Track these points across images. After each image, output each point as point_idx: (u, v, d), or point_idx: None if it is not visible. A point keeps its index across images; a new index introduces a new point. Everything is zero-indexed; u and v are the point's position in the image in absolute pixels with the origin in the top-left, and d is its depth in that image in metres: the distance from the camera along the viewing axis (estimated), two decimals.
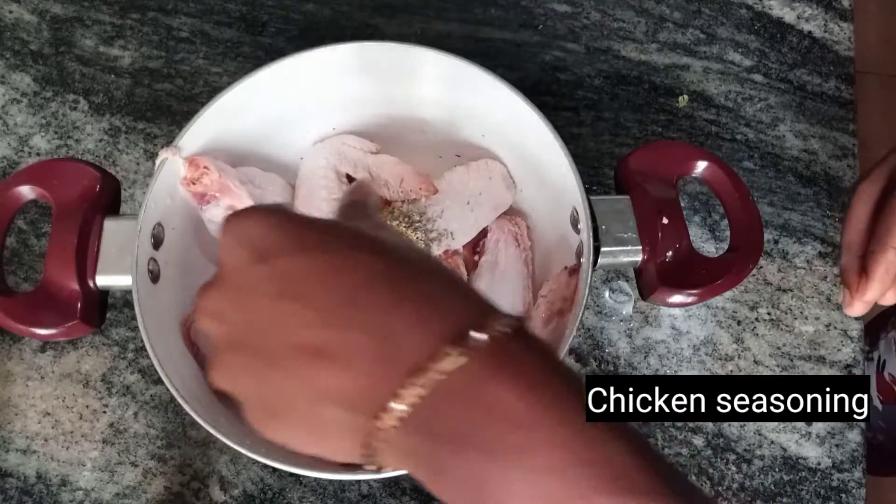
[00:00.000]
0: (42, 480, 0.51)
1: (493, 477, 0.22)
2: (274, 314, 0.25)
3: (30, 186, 0.45)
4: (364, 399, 0.24)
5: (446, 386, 0.23)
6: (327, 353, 0.24)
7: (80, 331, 0.43)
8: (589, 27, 0.64)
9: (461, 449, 0.23)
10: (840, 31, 0.64)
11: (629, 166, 0.46)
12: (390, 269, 0.25)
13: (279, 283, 0.25)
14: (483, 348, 0.23)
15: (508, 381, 0.23)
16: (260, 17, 0.64)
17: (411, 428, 0.23)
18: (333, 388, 0.24)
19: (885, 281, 0.43)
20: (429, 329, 0.24)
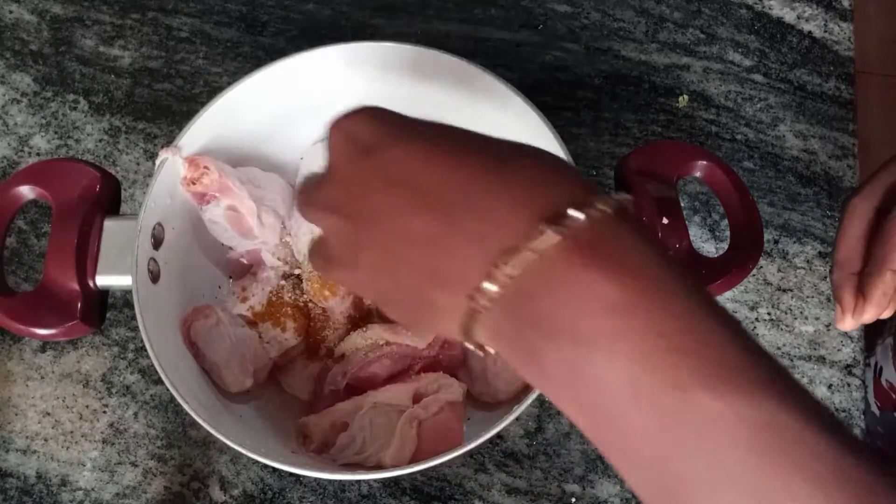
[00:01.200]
0: (42, 480, 0.51)
1: (584, 364, 0.22)
2: (383, 204, 0.26)
3: (30, 186, 0.45)
4: (460, 279, 0.24)
5: (539, 267, 0.22)
6: (432, 238, 0.25)
7: (80, 331, 0.43)
8: (589, 27, 0.64)
9: (550, 333, 0.22)
10: (840, 30, 0.64)
11: (629, 166, 0.46)
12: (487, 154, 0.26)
13: (386, 173, 0.26)
14: (580, 228, 0.22)
15: (603, 263, 0.22)
16: (260, 17, 0.64)
17: (503, 310, 0.23)
18: (437, 269, 0.25)
19: (882, 303, 0.43)
20: (528, 208, 0.23)
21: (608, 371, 0.21)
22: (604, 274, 0.22)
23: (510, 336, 0.24)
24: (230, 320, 0.46)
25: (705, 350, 0.21)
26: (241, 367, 0.45)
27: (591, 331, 0.22)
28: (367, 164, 0.27)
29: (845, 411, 0.53)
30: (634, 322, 0.21)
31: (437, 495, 0.51)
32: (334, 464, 0.43)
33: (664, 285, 0.22)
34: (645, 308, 0.21)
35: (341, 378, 0.46)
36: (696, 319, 0.22)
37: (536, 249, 0.22)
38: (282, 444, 0.44)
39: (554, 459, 0.51)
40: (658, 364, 0.21)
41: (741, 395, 0.20)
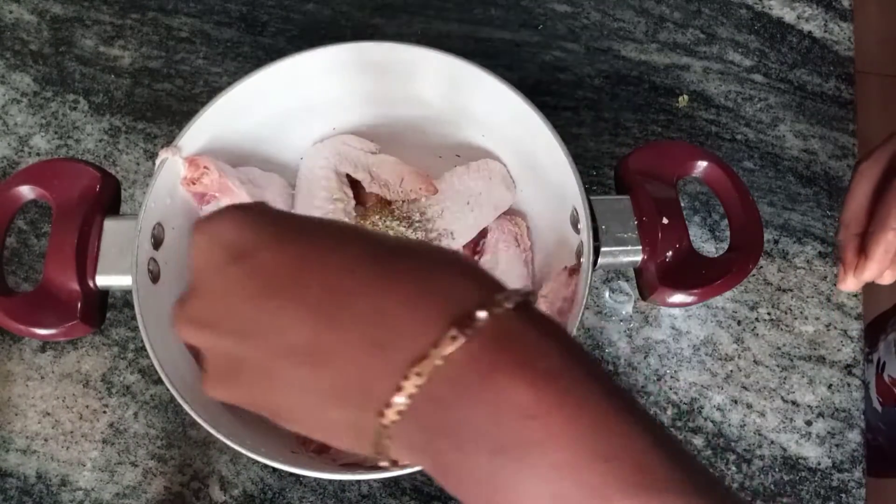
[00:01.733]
0: (42, 480, 0.51)
1: (502, 475, 0.20)
2: (257, 316, 0.23)
3: (30, 186, 0.45)
4: (364, 394, 0.22)
5: (449, 374, 0.21)
6: (319, 351, 0.22)
7: (80, 331, 0.43)
8: (589, 27, 0.64)
9: (466, 444, 0.21)
10: (840, 31, 0.64)
11: (629, 166, 0.46)
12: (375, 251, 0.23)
13: (258, 280, 0.23)
14: (488, 329, 0.21)
15: (516, 366, 0.21)
16: (260, 17, 0.64)
17: (415, 422, 0.21)
18: (333, 388, 0.22)
19: (884, 261, 0.44)
20: (426, 310, 0.21)
21: (530, 483, 0.20)
22: (516, 377, 0.20)
23: (424, 450, 0.22)
24: None
25: (625, 456, 0.20)
26: None
27: (507, 440, 0.20)
28: (233, 271, 0.23)
29: (845, 411, 0.53)
30: (553, 429, 0.20)
31: (437, 495, 0.51)
32: (334, 464, 0.43)
33: (578, 385, 0.21)
34: (562, 413, 0.20)
35: None
36: (613, 421, 0.21)
37: (444, 357, 0.21)
38: (282, 444, 0.44)
39: None
40: (582, 474, 0.20)
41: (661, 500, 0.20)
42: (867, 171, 0.46)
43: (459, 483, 0.22)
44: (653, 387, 0.53)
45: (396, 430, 0.22)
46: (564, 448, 0.20)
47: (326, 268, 0.23)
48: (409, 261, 0.23)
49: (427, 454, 0.22)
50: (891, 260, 0.44)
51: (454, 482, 0.22)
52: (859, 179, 0.46)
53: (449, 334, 0.21)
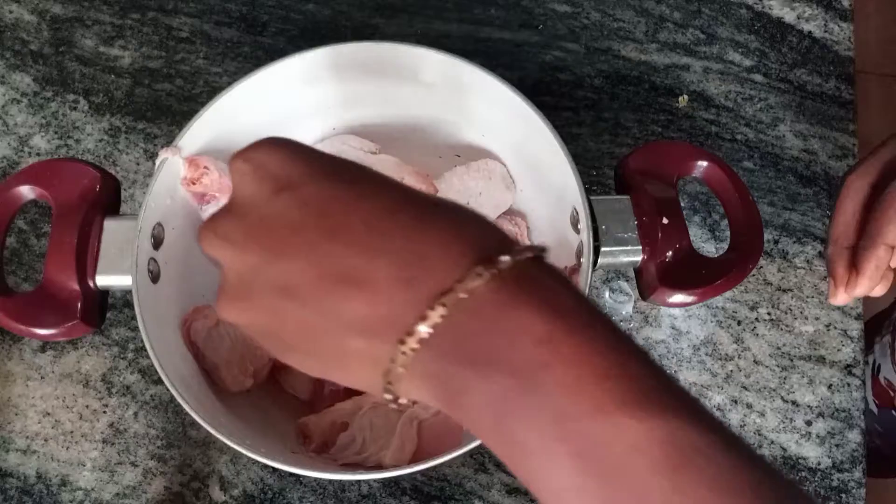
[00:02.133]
0: (42, 480, 0.51)
1: (514, 394, 0.22)
2: (298, 243, 0.24)
3: (30, 186, 0.45)
4: (389, 324, 0.23)
5: (470, 306, 0.23)
6: (353, 280, 0.24)
7: (80, 331, 0.43)
8: (589, 27, 0.64)
9: (483, 367, 0.23)
10: (840, 31, 0.64)
11: (629, 166, 0.46)
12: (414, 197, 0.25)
13: (303, 211, 0.25)
14: (507, 270, 0.23)
15: (532, 301, 0.23)
16: (260, 17, 0.64)
17: (434, 349, 0.23)
18: (358, 316, 0.24)
19: (875, 277, 0.43)
20: (455, 252, 0.24)
21: (538, 399, 0.22)
22: (530, 310, 0.23)
23: (438, 377, 0.23)
24: None
25: (624, 377, 0.22)
26: (240, 367, 0.45)
27: (521, 362, 0.22)
28: (279, 199, 0.25)
29: (845, 411, 0.53)
30: (561, 352, 0.22)
31: (437, 495, 0.51)
32: (334, 464, 0.43)
33: (583, 318, 0.23)
34: (569, 339, 0.23)
35: None
36: (614, 348, 0.23)
37: (468, 290, 0.23)
38: (282, 444, 0.44)
39: None
40: (584, 390, 0.22)
41: (657, 418, 0.22)
42: (855, 183, 0.45)
43: (470, 406, 0.23)
44: None
45: (414, 359, 0.23)
46: (570, 369, 0.22)
47: (368, 208, 0.25)
48: (441, 210, 0.25)
49: (440, 380, 0.23)
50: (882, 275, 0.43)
51: (467, 404, 0.23)
52: (847, 193, 0.45)
53: (474, 271, 0.23)
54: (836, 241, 0.45)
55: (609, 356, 0.23)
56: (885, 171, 0.44)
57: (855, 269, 0.44)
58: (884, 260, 0.43)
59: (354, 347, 0.24)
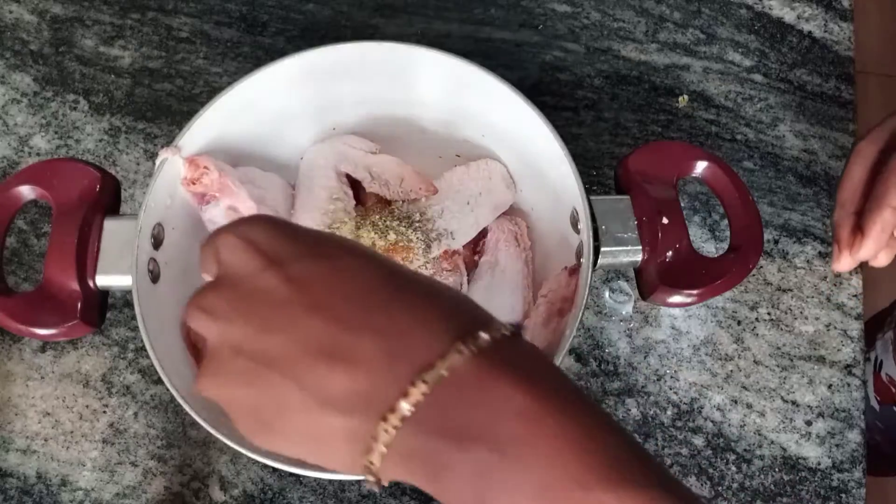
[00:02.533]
0: (42, 480, 0.51)
1: (497, 469, 0.23)
2: (282, 318, 0.25)
3: (30, 186, 0.45)
4: (370, 400, 0.24)
5: (452, 382, 0.23)
6: (335, 355, 0.24)
7: (80, 331, 0.43)
8: (589, 27, 0.64)
9: (465, 442, 0.23)
10: (840, 31, 0.64)
11: (629, 166, 0.46)
12: (393, 273, 0.26)
13: (288, 288, 0.25)
14: (487, 347, 0.24)
15: (511, 375, 0.24)
16: (260, 17, 0.64)
17: (415, 426, 0.23)
18: (339, 391, 0.24)
19: (881, 240, 0.44)
20: (436, 328, 0.24)
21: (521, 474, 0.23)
22: (510, 384, 0.23)
23: (419, 454, 0.24)
24: None
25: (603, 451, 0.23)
26: None
27: (502, 436, 0.23)
28: (265, 275, 0.26)
29: (845, 411, 0.53)
30: (541, 426, 0.23)
31: None
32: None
33: (561, 393, 0.24)
34: (548, 413, 0.23)
35: None
36: (592, 423, 0.24)
37: (449, 367, 0.23)
38: None
39: None
40: (565, 465, 0.22)
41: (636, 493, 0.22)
42: (864, 150, 0.46)
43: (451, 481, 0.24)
44: (653, 387, 0.53)
45: (396, 437, 0.24)
46: (553, 444, 0.23)
47: (349, 285, 0.25)
48: (420, 287, 0.26)
49: (421, 458, 0.24)
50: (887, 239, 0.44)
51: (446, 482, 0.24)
52: (856, 158, 0.46)
53: (455, 347, 0.24)
54: (843, 204, 0.45)
55: (588, 430, 0.23)
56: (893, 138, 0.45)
57: (860, 232, 0.44)
58: (889, 223, 0.43)
59: (334, 425, 0.24)
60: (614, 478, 0.22)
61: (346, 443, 0.24)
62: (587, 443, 0.23)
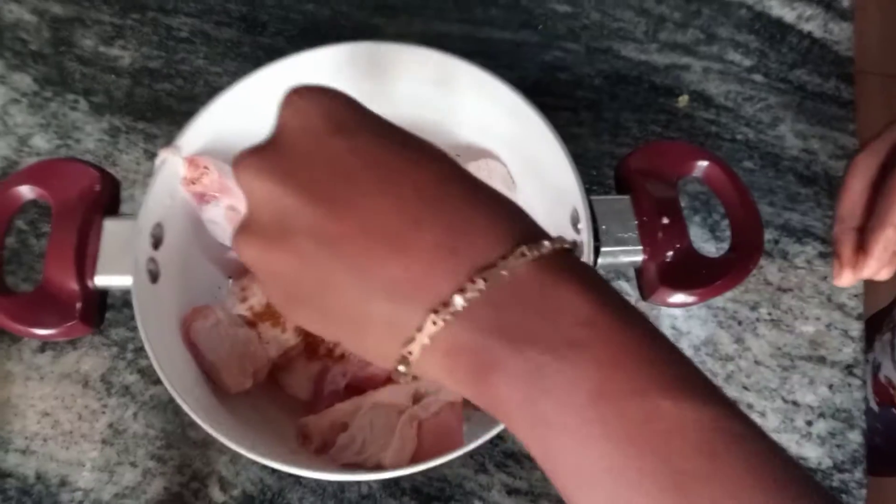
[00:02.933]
0: (41, 481, 0.51)
1: (551, 371, 0.22)
2: (345, 192, 0.23)
3: (29, 186, 0.45)
4: (422, 291, 0.23)
5: (510, 284, 0.23)
6: (394, 241, 0.23)
7: (79, 331, 0.43)
8: (589, 27, 0.64)
9: (519, 342, 0.22)
10: (840, 30, 0.64)
11: (629, 166, 0.46)
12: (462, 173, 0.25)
13: (355, 161, 0.24)
14: (548, 255, 0.23)
15: (574, 284, 0.23)
16: (260, 17, 0.64)
17: (467, 323, 0.23)
18: (391, 278, 0.23)
19: (883, 258, 0.43)
20: (500, 230, 0.24)
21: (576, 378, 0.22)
22: (573, 292, 0.23)
23: (465, 351, 0.23)
24: (230, 320, 0.46)
25: (663, 362, 0.22)
26: (240, 368, 0.45)
27: (559, 340, 0.22)
28: (333, 143, 0.24)
29: (846, 411, 0.53)
30: (600, 334, 0.22)
31: (437, 496, 0.51)
32: (334, 464, 0.43)
33: (621, 308, 0.23)
34: (609, 323, 0.23)
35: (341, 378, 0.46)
36: (651, 337, 0.23)
37: (511, 268, 0.23)
38: (281, 445, 0.44)
39: None
40: (623, 371, 0.22)
41: (696, 402, 0.22)
42: (863, 163, 0.45)
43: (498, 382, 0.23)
44: None
45: (442, 331, 0.23)
46: (610, 351, 0.22)
47: (420, 173, 0.24)
48: (486, 190, 0.25)
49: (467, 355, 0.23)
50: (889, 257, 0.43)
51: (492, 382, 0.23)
52: (854, 172, 0.45)
53: (519, 250, 0.23)
54: (843, 219, 0.45)
55: (647, 343, 0.23)
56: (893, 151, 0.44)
57: (862, 251, 0.43)
58: (892, 241, 0.42)
59: (379, 311, 0.23)
60: (675, 387, 0.22)
61: (386, 330, 0.23)
62: (647, 353, 0.22)
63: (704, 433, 0.21)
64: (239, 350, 0.45)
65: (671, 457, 0.21)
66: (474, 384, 0.23)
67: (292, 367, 0.49)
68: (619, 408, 0.21)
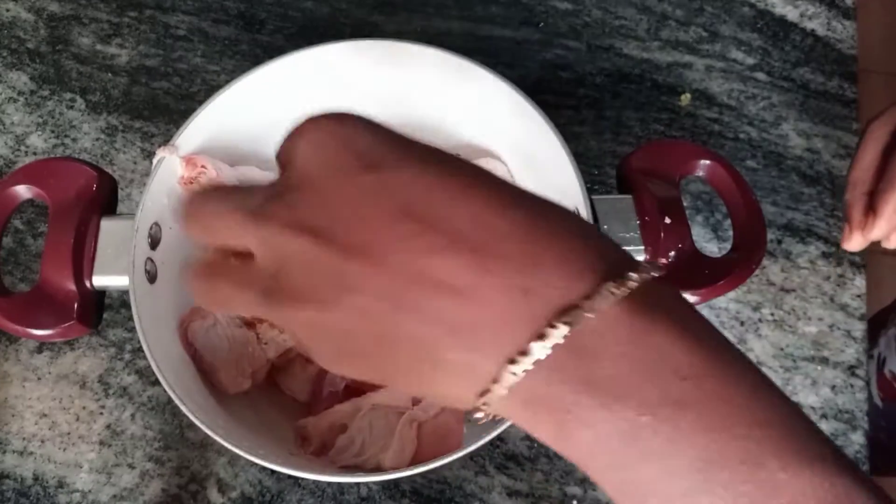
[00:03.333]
0: (39, 482, 0.51)
1: (648, 435, 0.19)
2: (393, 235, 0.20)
3: (26, 186, 0.44)
4: (497, 339, 0.20)
5: (598, 328, 0.20)
6: (461, 284, 0.20)
7: (76, 331, 0.43)
8: (591, 25, 0.64)
9: (609, 399, 0.19)
10: (843, 29, 0.64)
11: (631, 165, 0.46)
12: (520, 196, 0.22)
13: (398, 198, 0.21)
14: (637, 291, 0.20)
15: (668, 327, 0.20)
16: (258, 15, 0.64)
17: (549, 374, 0.20)
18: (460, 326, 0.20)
19: (893, 220, 0.44)
20: (579, 263, 0.20)
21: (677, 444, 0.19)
22: (670, 338, 0.20)
23: (546, 404, 0.20)
24: (228, 321, 0.45)
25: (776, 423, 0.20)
26: (238, 369, 0.44)
27: (658, 397, 0.19)
28: (367, 181, 0.21)
29: (848, 412, 0.53)
30: (705, 391, 0.19)
31: (437, 498, 0.50)
32: (333, 466, 0.43)
33: (723, 354, 0.20)
34: (714, 375, 0.20)
35: (340, 379, 0.45)
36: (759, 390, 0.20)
37: (597, 310, 0.20)
38: (280, 446, 0.43)
39: (555, 462, 0.51)
40: (734, 437, 0.19)
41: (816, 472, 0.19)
42: (876, 130, 0.46)
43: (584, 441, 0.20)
44: None
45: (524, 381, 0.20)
46: (718, 411, 0.19)
47: (476, 201, 0.21)
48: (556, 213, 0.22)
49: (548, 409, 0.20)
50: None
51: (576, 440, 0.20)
52: (868, 139, 0.46)
53: (605, 287, 0.20)
54: (855, 184, 0.46)
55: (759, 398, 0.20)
56: None
57: (872, 212, 0.44)
58: None
59: (450, 360, 0.21)
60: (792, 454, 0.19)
61: (457, 381, 0.21)
62: (757, 411, 0.19)
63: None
64: (237, 351, 0.45)
65: None
66: (558, 439, 0.21)
67: (291, 368, 0.48)
68: (729, 480, 0.19)
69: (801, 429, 0.20)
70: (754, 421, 0.19)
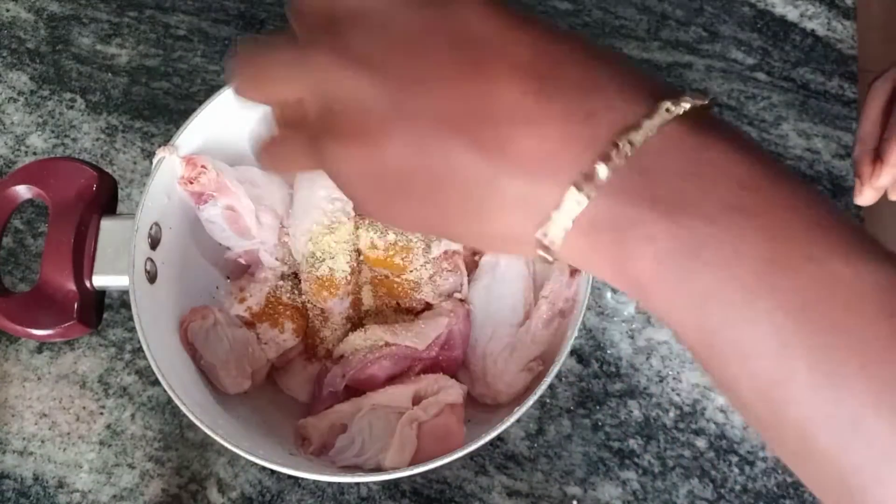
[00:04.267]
0: (39, 482, 0.51)
1: (713, 241, 0.19)
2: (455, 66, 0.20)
3: (26, 186, 0.44)
4: (559, 164, 0.20)
5: (658, 146, 0.20)
6: (522, 112, 0.20)
7: (76, 331, 0.43)
8: (591, 25, 0.64)
9: (673, 211, 0.20)
10: (843, 29, 0.64)
11: None
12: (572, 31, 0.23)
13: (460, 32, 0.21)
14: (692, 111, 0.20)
15: (726, 141, 0.20)
16: (258, 15, 0.64)
17: (614, 195, 0.20)
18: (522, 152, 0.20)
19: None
20: (638, 87, 0.21)
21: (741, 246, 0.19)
22: (730, 152, 0.20)
23: (611, 226, 0.20)
24: (228, 321, 0.45)
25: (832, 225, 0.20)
26: (238, 369, 0.44)
27: (718, 207, 0.20)
28: (429, 14, 0.21)
29: None
30: (765, 198, 0.20)
31: (437, 498, 0.50)
32: (333, 466, 0.43)
33: (779, 166, 0.21)
34: (772, 185, 0.20)
35: (340, 379, 0.45)
36: (814, 197, 0.20)
37: (658, 128, 0.20)
38: (280, 446, 0.43)
39: (555, 461, 0.51)
40: (795, 237, 0.19)
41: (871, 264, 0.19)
42: (880, 87, 0.48)
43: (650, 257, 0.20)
44: (655, 388, 0.53)
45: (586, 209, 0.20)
46: (776, 214, 0.20)
47: (535, 32, 0.21)
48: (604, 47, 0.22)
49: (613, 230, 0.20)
50: None
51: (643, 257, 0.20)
52: (873, 96, 0.48)
53: (663, 106, 0.20)
54: (863, 140, 0.48)
55: (812, 204, 0.20)
56: None
57: (879, 160, 0.46)
58: None
59: (508, 191, 0.20)
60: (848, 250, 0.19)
61: (517, 212, 0.21)
62: (816, 216, 0.20)
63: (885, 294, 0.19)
64: (237, 351, 0.45)
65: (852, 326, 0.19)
66: (619, 263, 0.21)
67: (291, 368, 0.48)
68: (793, 277, 0.19)
69: (852, 229, 0.20)
70: (811, 223, 0.20)
